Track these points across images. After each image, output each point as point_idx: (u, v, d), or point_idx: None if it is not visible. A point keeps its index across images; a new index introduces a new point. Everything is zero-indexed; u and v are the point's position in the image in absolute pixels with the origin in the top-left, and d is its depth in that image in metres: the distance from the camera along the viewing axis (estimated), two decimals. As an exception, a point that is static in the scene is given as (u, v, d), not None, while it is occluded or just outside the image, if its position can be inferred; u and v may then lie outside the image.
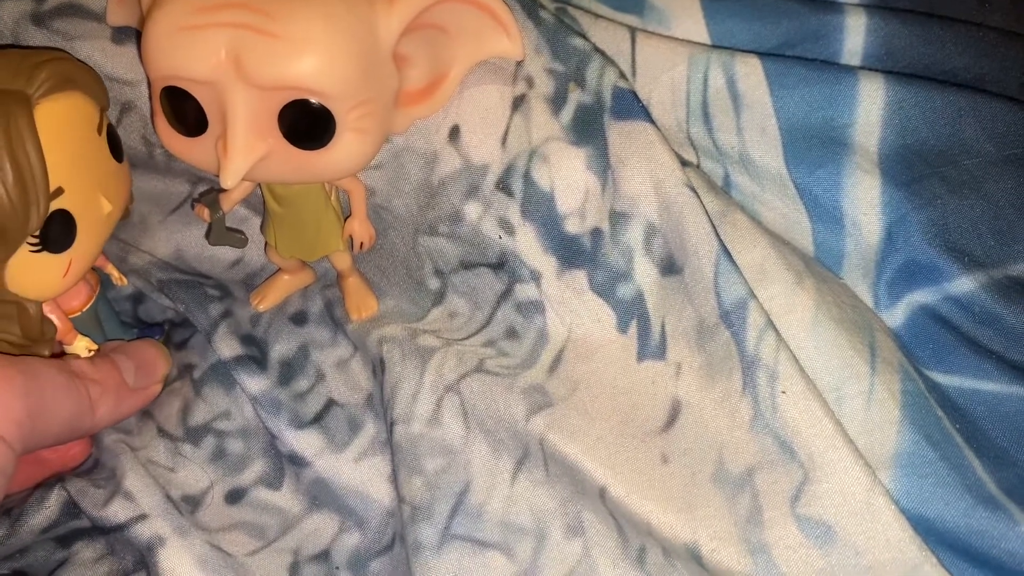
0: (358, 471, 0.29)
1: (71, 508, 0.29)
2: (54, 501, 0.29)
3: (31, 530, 0.28)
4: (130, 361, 0.29)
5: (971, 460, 0.25)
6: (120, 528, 0.27)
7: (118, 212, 0.28)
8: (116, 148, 0.27)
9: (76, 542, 0.28)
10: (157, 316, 0.33)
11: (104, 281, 0.30)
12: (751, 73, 0.28)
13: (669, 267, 0.28)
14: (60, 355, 0.28)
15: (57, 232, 0.25)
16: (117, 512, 0.27)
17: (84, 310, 0.28)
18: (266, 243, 0.30)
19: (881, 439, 0.25)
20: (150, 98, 0.27)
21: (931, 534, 0.25)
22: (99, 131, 0.26)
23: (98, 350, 0.29)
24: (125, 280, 0.30)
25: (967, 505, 0.25)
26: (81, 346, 0.28)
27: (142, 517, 0.27)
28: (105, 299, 0.30)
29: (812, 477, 0.25)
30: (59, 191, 0.24)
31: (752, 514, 0.25)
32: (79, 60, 0.27)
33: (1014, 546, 0.24)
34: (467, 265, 0.30)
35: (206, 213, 0.29)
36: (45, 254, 0.25)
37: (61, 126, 0.25)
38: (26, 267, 0.25)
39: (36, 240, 0.24)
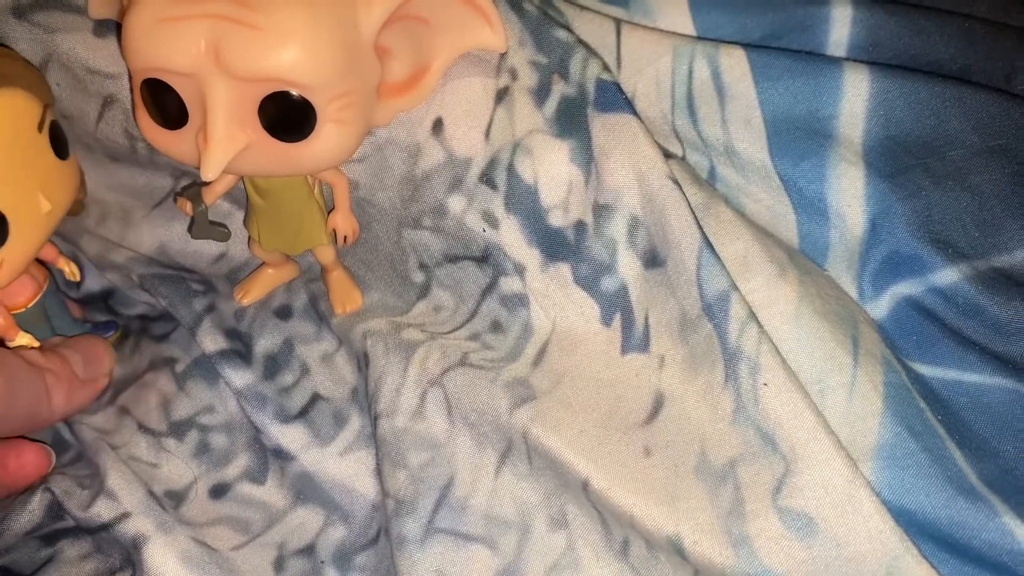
0: (343, 465, 0.29)
1: (56, 510, 0.29)
2: (38, 504, 0.28)
3: (15, 533, 0.28)
4: (77, 354, 0.29)
5: (952, 451, 0.25)
6: (105, 527, 0.27)
7: (60, 210, 0.27)
8: (60, 145, 0.27)
9: (61, 540, 0.28)
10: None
11: (57, 276, 0.29)
12: (736, 65, 0.28)
13: (652, 260, 0.28)
14: None
15: None
16: (101, 512, 0.27)
17: (30, 306, 0.28)
18: (249, 237, 0.30)
19: (863, 431, 0.25)
20: (131, 91, 0.27)
21: (912, 525, 0.25)
22: (40, 128, 0.26)
23: (41, 346, 0.28)
24: (78, 275, 0.30)
25: (948, 496, 0.25)
26: (23, 342, 0.28)
27: (125, 515, 0.27)
28: (55, 295, 0.30)
29: (794, 469, 0.25)
30: None
31: (734, 506, 0.25)
32: (19, 56, 0.26)
33: (994, 537, 0.24)
34: (451, 258, 0.30)
35: (188, 207, 0.28)
36: None
37: None
38: None
39: None
